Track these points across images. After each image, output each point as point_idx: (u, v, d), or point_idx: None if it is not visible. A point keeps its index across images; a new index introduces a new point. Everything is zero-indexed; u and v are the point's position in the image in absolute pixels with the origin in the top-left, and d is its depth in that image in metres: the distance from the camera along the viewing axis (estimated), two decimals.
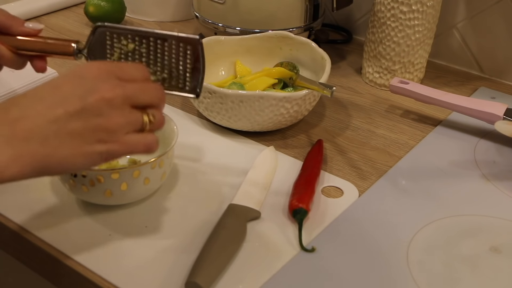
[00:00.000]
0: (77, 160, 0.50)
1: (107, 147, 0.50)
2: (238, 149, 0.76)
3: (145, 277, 0.57)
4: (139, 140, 0.52)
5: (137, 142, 0.52)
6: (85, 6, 1.07)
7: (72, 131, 0.49)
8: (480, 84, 0.95)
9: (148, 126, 0.53)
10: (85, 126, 0.49)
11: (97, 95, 0.50)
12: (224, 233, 0.60)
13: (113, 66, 0.53)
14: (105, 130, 0.50)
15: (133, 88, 0.52)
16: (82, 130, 0.49)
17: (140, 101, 0.53)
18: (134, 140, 0.52)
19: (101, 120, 0.50)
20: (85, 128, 0.49)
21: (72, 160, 0.49)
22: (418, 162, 0.76)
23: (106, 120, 0.50)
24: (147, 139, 0.53)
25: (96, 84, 0.50)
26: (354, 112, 0.86)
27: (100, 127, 0.50)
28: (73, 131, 0.49)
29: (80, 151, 0.49)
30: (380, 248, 0.62)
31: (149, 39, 0.59)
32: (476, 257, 0.61)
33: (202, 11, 0.96)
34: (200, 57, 0.61)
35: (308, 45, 0.84)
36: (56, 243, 0.60)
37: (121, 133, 0.51)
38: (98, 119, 0.50)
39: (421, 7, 0.85)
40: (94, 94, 0.50)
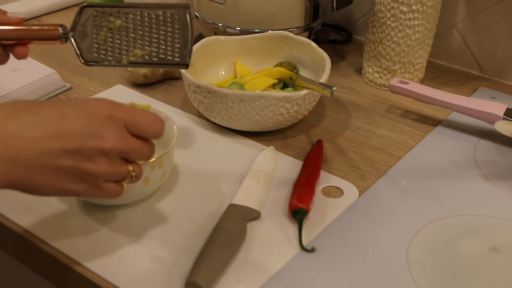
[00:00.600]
0: (50, 191, 0.50)
1: (84, 189, 0.51)
2: (238, 149, 0.76)
3: (145, 277, 0.57)
4: (113, 189, 0.53)
5: (111, 191, 0.53)
6: None
7: (59, 166, 0.49)
8: (480, 84, 0.95)
9: (127, 181, 0.54)
10: (73, 166, 0.50)
11: (97, 142, 0.50)
12: (224, 233, 0.60)
13: (124, 114, 0.52)
14: (89, 175, 0.51)
15: (132, 146, 0.52)
16: (69, 168, 0.50)
17: (132, 157, 0.54)
18: (109, 188, 0.53)
19: (90, 166, 0.50)
20: (73, 168, 0.50)
21: (46, 190, 0.50)
22: (418, 162, 0.76)
23: (95, 167, 0.50)
24: (119, 190, 0.54)
25: (101, 130, 0.50)
26: (354, 112, 0.86)
27: (86, 171, 0.50)
28: (60, 167, 0.49)
29: (58, 185, 0.50)
30: (380, 248, 0.62)
31: (136, 13, 0.58)
32: (476, 257, 0.61)
33: (202, 11, 0.96)
34: (188, 24, 0.60)
35: (308, 45, 0.84)
36: (56, 243, 0.60)
37: (102, 180, 0.52)
38: (88, 164, 0.50)
39: (421, 7, 0.85)
40: (95, 140, 0.50)
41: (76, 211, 0.64)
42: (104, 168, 0.51)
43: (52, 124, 0.49)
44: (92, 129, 0.50)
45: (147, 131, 0.53)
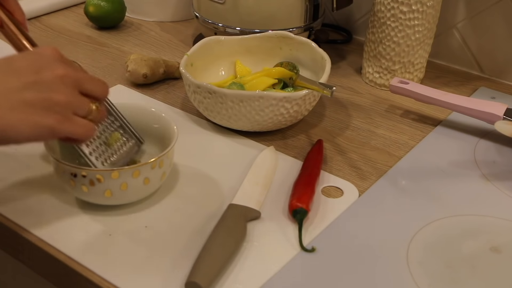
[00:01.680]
0: (24, 128, 0.51)
1: (55, 121, 0.52)
2: (238, 149, 0.76)
3: (145, 277, 0.57)
4: (83, 122, 0.55)
5: (81, 124, 0.55)
6: (85, 6, 1.07)
7: (23, 100, 0.51)
8: (480, 84, 0.95)
9: (92, 114, 0.56)
10: (37, 97, 0.51)
11: (51, 71, 0.52)
12: (224, 233, 0.60)
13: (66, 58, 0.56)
14: (56, 104, 0.52)
15: (83, 75, 0.56)
16: (34, 100, 0.51)
17: (87, 88, 0.56)
18: (79, 121, 0.55)
19: (53, 94, 0.52)
20: (38, 99, 0.51)
21: (20, 128, 0.51)
22: (418, 162, 0.76)
23: (58, 95, 0.52)
24: (89, 125, 0.56)
25: (50, 62, 0.53)
26: (354, 112, 0.86)
27: (52, 100, 0.52)
28: (25, 100, 0.51)
29: (29, 119, 0.51)
30: (380, 248, 0.62)
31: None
32: (476, 257, 0.61)
33: (202, 11, 0.96)
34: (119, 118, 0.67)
35: (308, 45, 0.84)
36: (56, 243, 0.60)
37: (70, 112, 0.54)
38: (50, 93, 0.52)
39: (421, 7, 0.85)
40: (48, 70, 0.52)
41: (76, 211, 0.64)
42: (66, 96, 0.53)
43: (3, 66, 0.52)
44: (42, 63, 0.53)
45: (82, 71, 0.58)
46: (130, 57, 0.89)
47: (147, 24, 1.12)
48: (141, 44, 1.04)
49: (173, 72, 0.91)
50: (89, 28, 1.09)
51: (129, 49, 1.02)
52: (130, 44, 1.03)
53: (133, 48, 1.02)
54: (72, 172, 0.60)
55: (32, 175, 0.69)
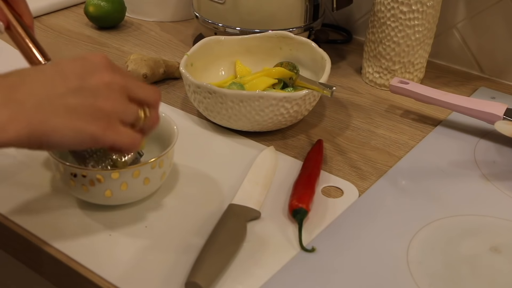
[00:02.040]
0: (67, 133, 0.49)
1: (98, 129, 0.50)
2: (238, 149, 0.76)
3: (145, 277, 0.57)
4: (129, 133, 0.53)
5: (127, 134, 0.53)
6: (85, 6, 1.07)
7: (68, 105, 0.49)
8: (480, 84, 0.95)
9: (142, 121, 0.54)
10: (81, 103, 0.50)
11: (97, 77, 0.51)
12: (224, 233, 0.60)
13: (116, 66, 0.54)
14: (101, 111, 0.50)
15: (131, 82, 0.53)
16: (78, 106, 0.49)
17: (136, 94, 0.53)
18: (124, 131, 0.52)
19: (98, 101, 0.50)
20: (82, 105, 0.50)
21: (63, 132, 0.49)
22: (418, 162, 0.76)
23: (103, 101, 0.50)
24: (136, 135, 0.53)
25: (97, 68, 0.52)
26: (354, 112, 0.86)
27: (96, 107, 0.50)
28: (69, 106, 0.49)
29: (72, 125, 0.49)
30: (380, 248, 0.62)
31: None
32: (476, 257, 0.61)
33: (202, 11, 0.96)
34: None
35: (308, 45, 0.84)
36: (56, 243, 0.60)
37: (115, 119, 0.51)
38: (95, 99, 0.50)
39: (421, 7, 0.85)
40: (95, 75, 0.51)
41: (76, 211, 0.64)
42: (112, 103, 0.51)
43: (49, 70, 0.51)
44: (88, 68, 0.51)
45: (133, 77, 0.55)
46: (130, 57, 0.89)
47: (147, 24, 1.12)
48: (141, 44, 1.04)
49: (173, 72, 0.91)
50: (89, 28, 1.09)
51: (129, 49, 1.02)
52: (130, 44, 1.04)
53: (133, 48, 1.02)
54: (72, 172, 0.60)
55: (32, 175, 0.69)
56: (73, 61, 0.52)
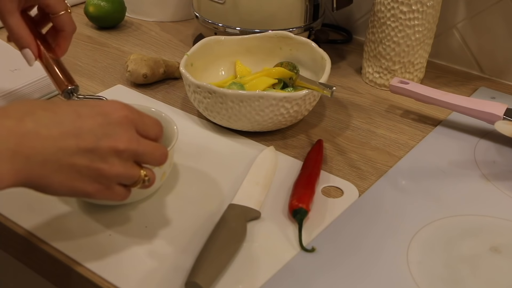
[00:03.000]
0: (62, 191, 0.51)
1: (95, 190, 0.52)
2: (238, 149, 0.76)
3: (145, 277, 0.57)
4: (121, 192, 0.54)
5: (119, 193, 0.54)
6: (85, 6, 1.07)
7: (74, 165, 0.50)
8: (480, 84, 0.95)
9: (139, 185, 0.55)
10: (88, 165, 0.50)
11: (112, 142, 0.51)
12: (224, 233, 0.60)
13: (136, 116, 0.54)
14: (103, 176, 0.51)
15: (145, 148, 0.53)
16: (83, 168, 0.50)
17: (145, 160, 0.55)
18: (118, 190, 0.54)
19: (105, 166, 0.51)
20: (87, 168, 0.50)
21: (59, 189, 0.50)
22: (418, 162, 0.76)
23: (109, 167, 0.51)
24: (126, 193, 0.55)
25: (115, 130, 0.51)
26: (354, 112, 0.86)
27: (101, 171, 0.51)
28: (75, 166, 0.50)
29: (72, 184, 0.50)
30: (380, 248, 0.62)
31: None
32: (476, 257, 0.61)
33: (202, 11, 0.96)
34: None
35: (308, 45, 0.84)
36: (56, 244, 0.60)
37: (114, 182, 0.53)
38: (103, 164, 0.51)
39: (421, 7, 0.85)
40: (110, 140, 0.51)
41: (77, 212, 0.64)
42: (118, 169, 0.52)
43: (68, 122, 0.50)
44: (107, 129, 0.51)
45: (152, 131, 0.55)
46: (130, 57, 0.89)
47: (147, 24, 1.12)
48: (141, 44, 1.04)
49: (173, 72, 0.91)
50: (89, 28, 1.09)
51: (129, 49, 1.02)
52: (130, 44, 1.04)
53: (133, 48, 1.02)
54: None
55: None
56: (94, 116, 0.51)
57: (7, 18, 0.66)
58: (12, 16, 0.66)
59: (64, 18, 0.71)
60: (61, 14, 0.70)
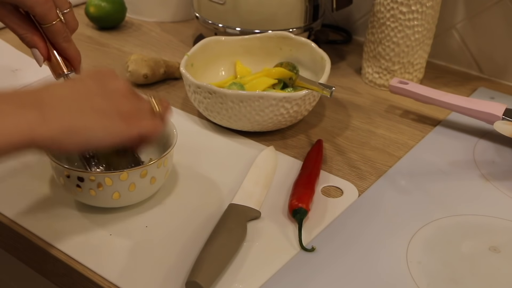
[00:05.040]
0: (98, 131, 0.53)
1: (124, 125, 0.54)
2: (238, 149, 0.76)
3: (145, 277, 0.57)
4: (149, 122, 0.57)
5: (148, 123, 0.57)
6: (86, 7, 1.07)
7: (94, 106, 0.53)
8: (479, 85, 0.96)
9: (157, 108, 0.59)
10: (106, 104, 0.54)
11: (113, 83, 0.56)
12: (224, 233, 0.60)
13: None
14: (122, 109, 0.55)
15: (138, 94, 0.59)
16: (103, 106, 0.54)
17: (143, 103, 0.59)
18: (146, 122, 0.57)
19: (119, 101, 0.55)
20: (106, 106, 0.54)
21: (94, 130, 0.53)
22: (418, 162, 0.76)
23: (123, 101, 0.55)
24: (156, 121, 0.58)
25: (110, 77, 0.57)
26: (353, 112, 0.86)
27: (118, 106, 0.55)
28: (95, 107, 0.53)
29: (102, 123, 0.53)
30: (379, 248, 0.62)
31: None
32: (476, 257, 0.62)
33: (202, 11, 0.96)
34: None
35: (308, 45, 0.84)
36: (56, 243, 0.61)
37: (135, 114, 0.56)
38: (116, 100, 0.55)
39: (421, 8, 0.85)
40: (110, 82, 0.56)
41: (77, 212, 0.64)
42: (130, 101, 0.56)
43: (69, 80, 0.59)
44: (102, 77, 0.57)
45: None
46: (131, 58, 0.90)
47: (148, 24, 1.12)
48: (141, 44, 1.04)
49: (174, 72, 0.91)
50: (90, 28, 1.09)
51: (129, 49, 1.02)
52: (130, 45, 1.04)
53: (134, 48, 1.03)
54: (79, 176, 0.60)
55: (34, 175, 0.69)
56: (87, 72, 0.58)
57: (5, 22, 0.65)
58: (8, 19, 0.65)
59: (55, 28, 0.65)
60: (54, 24, 0.65)
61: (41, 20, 0.63)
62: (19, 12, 0.64)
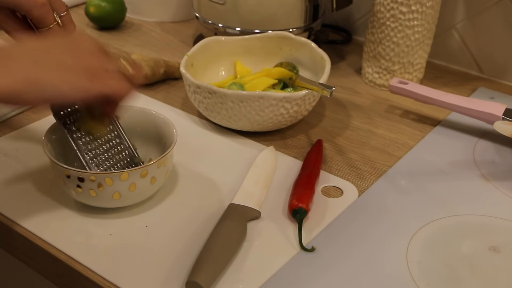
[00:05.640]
0: (61, 86, 0.53)
1: (88, 80, 0.54)
2: (238, 149, 0.76)
3: (145, 277, 0.57)
4: (116, 80, 0.57)
5: (114, 81, 0.57)
6: (86, 7, 1.07)
7: (58, 60, 0.53)
8: (479, 84, 0.96)
9: (124, 68, 0.58)
10: (73, 59, 0.54)
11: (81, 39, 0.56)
12: (224, 233, 0.60)
13: None
14: (88, 65, 0.55)
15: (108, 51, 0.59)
16: (68, 61, 0.54)
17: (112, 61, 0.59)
18: (112, 80, 0.57)
19: (85, 57, 0.55)
20: (71, 60, 0.54)
21: (57, 85, 0.52)
22: (418, 162, 0.76)
23: (89, 57, 0.55)
24: (123, 81, 0.58)
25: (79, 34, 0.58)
26: (353, 112, 0.86)
27: (84, 61, 0.55)
28: (60, 61, 0.53)
29: (66, 78, 0.53)
30: (379, 248, 0.62)
31: None
32: (475, 257, 0.62)
33: (202, 11, 0.96)
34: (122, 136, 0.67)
35: (308, 45, 0.84)
36: (56, 243, 0.61)
37: (102, 71, 0.56)
38: (83, 55, 0.55)
39: (421, 8, 0.85)
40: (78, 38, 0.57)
41: (77, 212, 0.64)
42: (97, 57, 0.56)
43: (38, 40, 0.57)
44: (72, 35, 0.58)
45: None
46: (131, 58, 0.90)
47: (148, 24, 1.12)
48: (141, 44, 1.04)
49: (174, 72, 0.91)
50: (90, 28, 1.09)
51: (129, 49, 1.02)
52: (130, 45, 1.04)
53: (134, 48, 1.03)
54: (80, 176, 0.60)
55: (33, 174, 0.69)
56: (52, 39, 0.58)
57: (3, 26, 0.65)
58: (5, 23, 0.65)
59: (52, 32, 0.65)
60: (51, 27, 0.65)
61: (38, 23, 0.63)
62: (16, 16, 0.64)
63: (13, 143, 0.75)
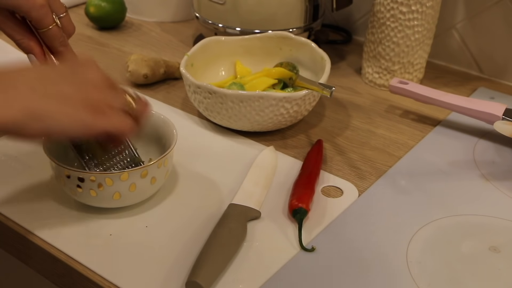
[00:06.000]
0: (62, 119, 0.51)
1: (89, 115, 0.53)
2: (238, 149, 0.76)
3: (145, 277, 0.57)
4: (119, 117, 0.55)
5: (117, 118, 0.55)
6: (86, 7, 1.07)
7: (60, 92, 0.52)
8: (479, 85, 0.96)
9: (129, 105, 0.57)
10: (74, 91, 0.52)
11: (87, 70, 0.55)
12: (224, 233, 0.60)
13: None
14: (91, 99, 0.53)
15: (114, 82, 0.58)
16: (71, 93, 0.52)
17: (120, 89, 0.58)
18: (115, 116, 0.55)
19: (89, 90, 0.53)
20: (74, 93, 0.52)
21: (58, 118, 0.51)
22: (418, 162, 0.76)
23: (93, 90, 0.54)
24: (127, 119, 0.56)
25: (85, 63, 0.56)
26: (353, 112, 0.86)
27: (87, 95, 0.53)
28: (62, 93, 0.52)
29: (66, 111, 0.51)
30: (379, 248, 0.62)
31: None
32: (476, 257, 0.62)
33: (202, 11, 0.96)
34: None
35: (308, 45, 0.84)
36: (56, 243, 0.61)
37: (105, 106, 0.55)
38: (86, 88, 0.53)
39: (421, 8, 0.85)
40: (84, 68, 0.55)
41: (77, 212, 0.65)
42: (102, 91, 0.54)
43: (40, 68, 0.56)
44: (77, 63, 0.57)
45: None
46: (131, 58, 0.90)
47: (148, 24, 1.12)
48: (141, 44, 1.04)
49: (174, 72, 0.91)
50: (90, 28, 1.09)
51: (129, 49, 1.02)
52: (130, 45, 1.04)
53: (134, 48, 1.03)
54: (80, 176, 0.60)
55: (33, 175, 0.69)
56: (66, 59, 0.58)
57: (2, 28, 0.65)
58: (4, 24, 0.65)
59: (51, 33, 0.64)
60: (50, 28, 0.64)
61: (37, 25, 0.63)
62: (15, 18, 0.64)
63: (13, 143, 0.75)
